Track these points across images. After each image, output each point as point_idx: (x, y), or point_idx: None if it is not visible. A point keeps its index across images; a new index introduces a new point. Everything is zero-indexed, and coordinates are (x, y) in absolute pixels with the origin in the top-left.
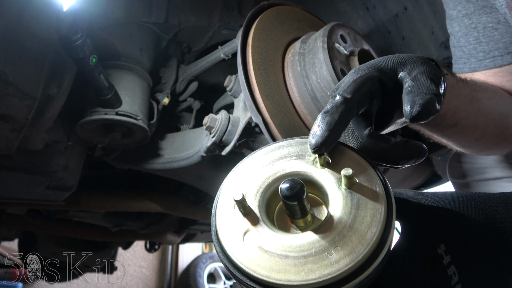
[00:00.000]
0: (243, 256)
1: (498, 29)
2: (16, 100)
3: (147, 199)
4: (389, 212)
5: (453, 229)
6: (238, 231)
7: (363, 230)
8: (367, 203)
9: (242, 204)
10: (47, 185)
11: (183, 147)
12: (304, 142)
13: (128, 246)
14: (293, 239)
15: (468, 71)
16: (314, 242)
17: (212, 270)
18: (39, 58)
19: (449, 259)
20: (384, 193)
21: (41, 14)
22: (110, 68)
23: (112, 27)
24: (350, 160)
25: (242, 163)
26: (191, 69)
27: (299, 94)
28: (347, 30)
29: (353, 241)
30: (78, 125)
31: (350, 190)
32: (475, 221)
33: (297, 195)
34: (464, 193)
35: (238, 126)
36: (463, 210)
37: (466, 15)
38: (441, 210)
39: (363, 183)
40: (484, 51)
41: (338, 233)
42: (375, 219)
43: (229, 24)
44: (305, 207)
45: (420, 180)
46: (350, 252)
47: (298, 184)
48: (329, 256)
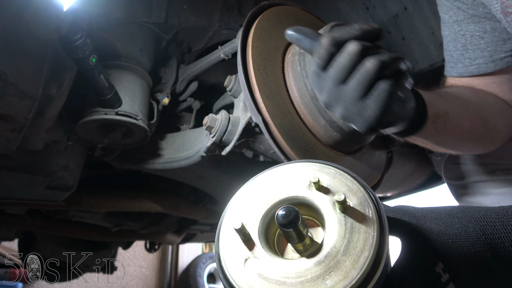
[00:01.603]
0: (244, 283)
1: (484, 38)
2: (16, 100)
3: (147, 199)
4: (382, 235)
5: (451, 247)
6: (239, 258)
7: (356, 255)
8: (360, 228)
9: (242, 232)
10: (47, 185)
11: (183, 147)
12: (300, 166)
13: (128, 246)
14: (291, 265)
15: (455, 75)
16: (310, 268)
17: (212, 270)
18: (39, 58)
19: (448, 277)
20: (376, 216)
21: (41, 14)
22: (110, 68)
23: (112, 27)
24: (342, 183)
25: (243, 188)
26: (191, 69)
27: (299, 94)
28: None
29: (347, 266)
30: (78, 125)
31: (344, 214)
32: (473, 238)
33: (292, 222)
34: (462, 208)
35: (238, 126)
36: (461, 226)
37: (456, 22)
38: (439, 226)
39: (356, 207)
40: (470, 58)
41: (333, 259)
42: (368, 243)
43: (229, 24)
44: (302, 232)
45: (420, 180)
46: (344, 277)
47: (293, 211)
48: (324, 281)
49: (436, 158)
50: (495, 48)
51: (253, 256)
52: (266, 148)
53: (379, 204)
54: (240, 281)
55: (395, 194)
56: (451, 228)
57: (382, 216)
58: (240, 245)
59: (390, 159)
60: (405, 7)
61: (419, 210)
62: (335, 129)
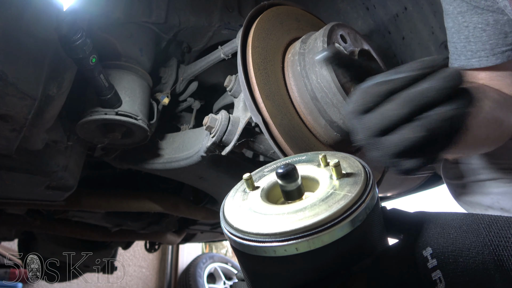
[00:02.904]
0: (234, 215)
1: (487, 30)
2: (16, 100)
3: (147, 199)
4: (361, 198)
5: (445, 236)
6: (238, 200)
7: (330, 204)
8: (345, 188)
9: (247, 182)
10: (47, 185)
11: (183, 147)
12: (316, 153)
13: (128, 246)
14: (276, 207)
15: (458, 67)
16: (290, 208)
17: (212, 270)
18: (39, 58)
19: (435, 263)
20: (363, 183)
21: (41, 14)
22: (110, 68)
23: (112, 27)
24: (347, 161)
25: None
26: (191, 69)
27: (299, 94)
28: (347, 30)
29: (321, 208)
30: (78, 125)
31: (337, 179)
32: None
33: (289, 173)
34: (470, 214)
35: (238, 126)
36: (461, 224)
37: (460, 13)
38: (438, 220)
39: (349, 176)
40: (472, 51)
41: (311, 204)
42: (346, 197)
43: (229, 24)
44: (300, 188)
45: (420, 180)
46: (314, 215)
47: (290, 165)
48: (296, 216)
49: None
50: (497, 42)
51: (251, 198)
52: (266, 148)
53: (369, 176)
54: (232, 214)
55: (395, 194)
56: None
57: (369, 183)
58: (243, 191)
59: None
60: (405, 7)
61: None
62: (335, 129)
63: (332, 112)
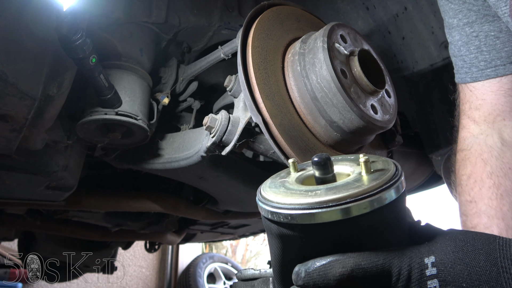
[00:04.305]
0: (269, 191)
1: (500, 37)
2: (16, 100)
3: (147, 199)
4: (384, 189)
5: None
6: (277, 178)
7: (351, 188)
8: (369, 179)
9: (293, 165)
10: (47, 185)
11: (183, 147)
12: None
13: (128, 246)
14: (306, 187)
15: (470, 81)
16: (316, 188)
17: (212, 270)
18: (39, 58)
19: (434, 272)
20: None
21: (41, 14)
22: (110, 68)
23: (112, 27)
24: (382, 161)
25: None
26: (191, 69)
27: (299, 94)
28: (347, 30)
29: (340, 190)
30: (78, 125)
31: (366, 173)
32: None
33: (322, 160)
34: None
35: (238, 126)
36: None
37: (467, 24)
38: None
39: (380, 170)
40: (486, 60)
41: (335, 186)
42: (366, 187)
43: (229, 24)
44: (333, 179)
45: (420, 180)
46: (333, 194)
47: (325, 155)
48: (316, 193)
49: (436, 158)
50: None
51: (287, 179)
52: (266, 148)
53: (398, 171)
54: (267, 190)
55: None
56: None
57: (397, 174)
58: (282, 173)
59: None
60: (405, 7)
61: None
62: (335, 129)
63: (332, 112)
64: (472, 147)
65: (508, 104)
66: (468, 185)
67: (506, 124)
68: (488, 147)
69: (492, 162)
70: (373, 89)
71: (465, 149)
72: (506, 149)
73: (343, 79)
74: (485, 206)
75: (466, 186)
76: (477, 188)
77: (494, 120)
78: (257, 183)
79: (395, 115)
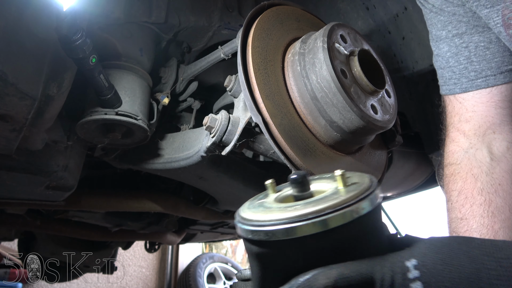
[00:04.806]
0: (248, 211)
1: (490, 48)
2: (16, 100)
3: (147, 199)
4: (357, 202)
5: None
6: (254, 201)
7: (326, 202)
8: (344, 193)
9: (271, 186)
10: (47, 185)
11: (183, 147)
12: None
13: (128, 246)
14: (284, 204)
15: (459, 92)
16: (294, 204)
17: (212, 270)
18: (39, 58)
19: (417, 274)
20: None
21: (41, 14)
22: (110, 68)
23: (112, 27)
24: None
25: None
26: (191, 69)
27: (299, 94)
28: (347, 30)
29: (318, 204)
30: (78, 125)
31: (343, 187)
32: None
33: (299, 178)
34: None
35: (238, 126)
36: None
37: (457, 35)
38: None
39: (354, 185)
40: (476, 71)
41: (313, 200)
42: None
43: (229, 24)
44: (310, 194)
45: (420, 180)
46: (314, 206)
47: (301, 172)
48: (295, 208)
49: (436, 158)
50: (503, 59)
51: (265, 200)
52: (266, 148)
53: (374, 183)
54: (246, 209)
55: (395, 194)
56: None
57: (373, 188)
58: (263, 195)
59: (390, 159)
60: (405, 7)
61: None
62: (335, 129)
63: (332, 112)
64: (462, 161)
65: (498, 116)
66: (458, 202)
67: (495, 137)
68: (478, 161)
69: (482, 177)
70: (373, 89)
71: (454, 163)
72: (495, 164)
73: (343, 79)
74: (476, 224)
75: (456, 202)
76: (468, 205)
77: (484, 133)
78: (257, 183)
79: (395, 115)
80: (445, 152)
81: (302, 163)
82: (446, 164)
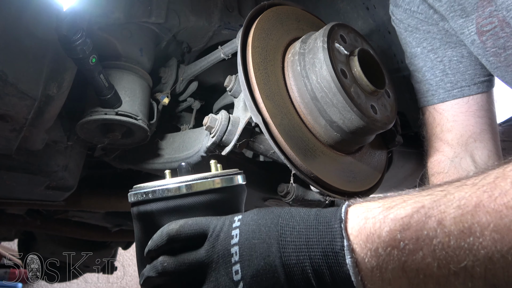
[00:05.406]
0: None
1: (463, 62)
2: (16, 100)
3: None
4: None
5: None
6: None
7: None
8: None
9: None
10: (47, 185)
11: (183, 147)
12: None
13: (128, 246)
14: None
15: (437, 102)
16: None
17: None
18: (39, 58)
19: (238, 224)
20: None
21: (41, 14)
22: (110, 68)
23: (112, 27)
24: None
25: None
26: (191, 69)
27: (299, 94)
28: (347, 30)
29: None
30: (78, 125)
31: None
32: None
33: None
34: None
35: (238, 126)
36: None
37: (431, 51)
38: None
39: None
40: (451, 82)
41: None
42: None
43: (229, 24)
44: None
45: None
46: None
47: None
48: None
49: None
50: (475, 72)
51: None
52: (266, 148)
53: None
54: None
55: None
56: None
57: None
58: None
59: (390, 159)
60: None
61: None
62: (335, 129)
63: (332, 112)
64: (449, 170)
65: (478, 125)
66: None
67: (477, 146)
68: (464, 170)
69: None
70: (373, 89)
71: (441, 172)
72: None
73: (343, 79)
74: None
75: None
76: None
77: (467, 142)
78: (257, 183)
79: (395, 115)
80: (430, 162)
81: (302, 163)
82: (432, 173)
